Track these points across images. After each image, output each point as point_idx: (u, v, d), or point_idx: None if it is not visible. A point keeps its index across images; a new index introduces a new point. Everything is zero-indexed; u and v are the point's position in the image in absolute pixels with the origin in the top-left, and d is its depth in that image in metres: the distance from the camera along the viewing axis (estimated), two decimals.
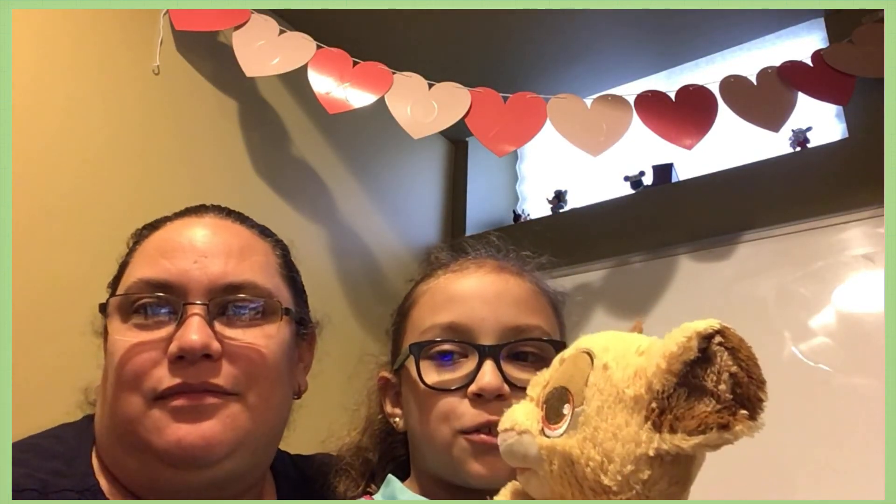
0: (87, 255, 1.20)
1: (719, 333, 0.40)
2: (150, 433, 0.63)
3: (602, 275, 1.78)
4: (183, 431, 0.63)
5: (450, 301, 0.67)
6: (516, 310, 0.66)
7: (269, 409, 0.69)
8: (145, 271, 0.68)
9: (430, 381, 0.64)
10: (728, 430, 0.38)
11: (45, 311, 1.13)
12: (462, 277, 0.69)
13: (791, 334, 1.45)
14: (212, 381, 0.64)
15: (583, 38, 1.83)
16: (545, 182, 2.22)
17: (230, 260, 0.69)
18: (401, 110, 1.49)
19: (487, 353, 0.63)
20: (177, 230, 0.72)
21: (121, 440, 0.66)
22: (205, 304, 0.66)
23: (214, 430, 0.64)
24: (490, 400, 0.62)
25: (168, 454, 0.63)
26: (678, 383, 0.40)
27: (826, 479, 1.30)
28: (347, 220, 1.78)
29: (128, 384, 0.65)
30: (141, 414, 0.64)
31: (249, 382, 0.67)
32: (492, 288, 0.67)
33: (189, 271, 0.67)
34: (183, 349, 0.63)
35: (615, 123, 1.51)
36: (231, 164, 1.53)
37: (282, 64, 1.48)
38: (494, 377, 0.62)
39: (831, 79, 1.51)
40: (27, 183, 1.14)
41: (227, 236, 0.72)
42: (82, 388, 0.80)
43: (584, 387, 0.44)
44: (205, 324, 0.65)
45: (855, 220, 1.46)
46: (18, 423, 0.63)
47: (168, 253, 0.69)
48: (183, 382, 0.64)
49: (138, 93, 1.37)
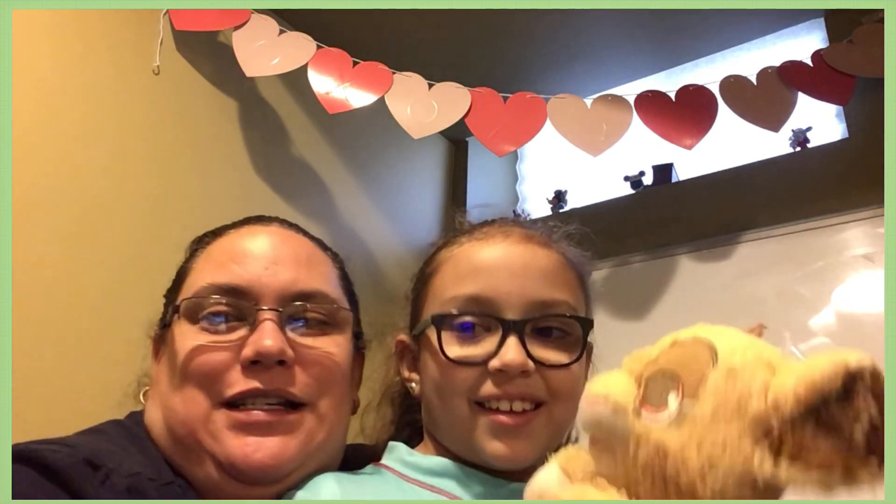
0: (85, 253, 1.20)
1: (868, 372, 0.36)
2: (211, 439, 0.62)
3: (602, 275, 1.78)
4: (251, 447, 0.61)
5: (474, 271, 0.65)
6: (543, 283, 0.64)
7: (338, 418, 0.69)
8: (215, 276, 0.67)
9: (451, 354, 0.62)
10: (851, 474, 0.35)
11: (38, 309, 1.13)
12: (488, 246, 0.67)
13: (791, 334, 1.45)
14: (286, 388, 0.64)
15: (583, 38, 1.83)
16: (545, 182, 2.22)
17: (300, 268, 0.69)
18: (401, 110, 1.49)
19: (511, 328, 0.61)
20: (244, 237, 0.72)
21: (183, 445, 0.64)
22: (277, 310, 0.65)
23: (287, 445, 0.62)
24: (513, 376, 0.60)
25: (233, 467, 0.61)
26: (808, 412, 0.37)
27: None
28: (347, 220, 1.78)
29: (195, 384, 0.64)
30: (205, 417, 0.63)
31: (321, 391, 0.66)
32: (518, 259, 0.65)
33: (261, 277, 0.67)
34: (260, 353, 0.62)
35: (615, 123, 1.51)
36: (231, 164, 1.53)
37: (282, 64, 1.48)
38: (518, 353, 0.60)
39: (831, 79, 1.51)
40: (27, 183, 1.14)
41: (295, 245, 0.72)
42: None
43: (699, 382, 0.41)
44: (278, 329, 0.64)
45: (855, 220, 1.46)
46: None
47: (238, 258, 0.68)
48: (255, 388, 0.63)
49: (138, 93, 1.37)
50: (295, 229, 0.76)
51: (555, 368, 0.62)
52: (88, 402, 0.82)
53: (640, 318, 1.66)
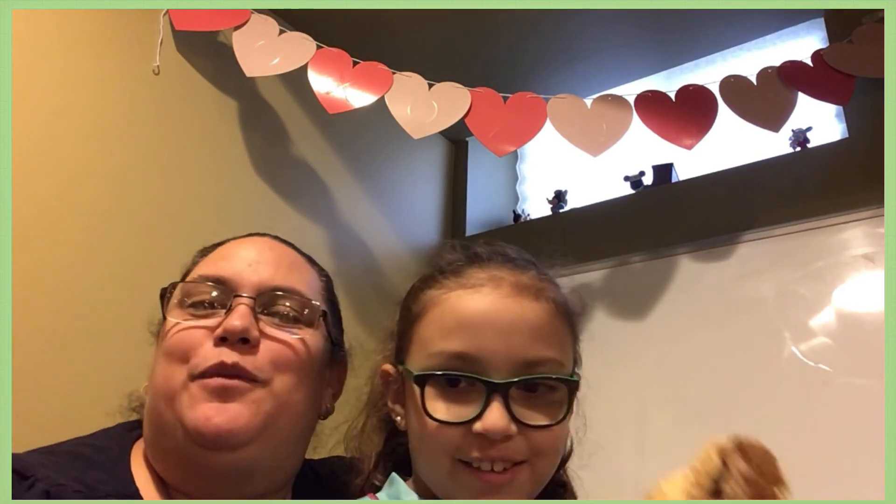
0: (84, 252, 1.20)
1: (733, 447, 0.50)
2: (184, 408, 0.69)
3: (602, 275, 1.78)
4: (212, 410, 0.68)
5: (460, 326, 0.64)
6: (530, 340, 0.63)
7: (291, 399, 0.74)
8: (205, 270, 0.78)
9: (436, 413, 0.62)
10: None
11: (40, 310, 1.13)
12: (476, 297, 0.65)
13: (791, 334, 1.45)
14: (242, 363, 0.71)
15: (583, 38, 1.83)
16: (545, 182, 2.22)
17: (280, 269, 0.79)
18: (401, 110, 1.49)
19: (495, 389, 0.61)
20: (237, 244, 0.82)
21: (161, 418, 0.71)
22: (252, 297, 0.74)
23: (240, 413, 0.69)
24: (495, 441, 0.61)
25: (196, 432, 0.68)
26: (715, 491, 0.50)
27: (826, 479, 1.30)
28: (347, 220, 1.78)
29: (175, 360, 0.72)
30: (181, 388, 0.70)
31: (276, 371, 0.73)
32: (506, 316, 0.64)
33: (242, 271, 0.76)
34: (226, 330, 0.71)
35: (615, 123, 1.51)
36: (231, 164, 1.53)
37: (282, 64, 1.48)
38: (501, 418, 0.60)
39: (831, 79, 1.51)
40: (26, 183, 1.15)
41: (280, 252, 0.82)
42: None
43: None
44: (249, 313, 0.72)
45: (855, 220, 1.46)
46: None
47: (227, 258, 0.79)
48: (219, 362, 0.70)
49: (138, 93, 1.37)
50: (286, 244, 0.85)
51: (539, 429, 0.62)
52: (98, 405, 0.84)
53: (640, 318, 1.66)
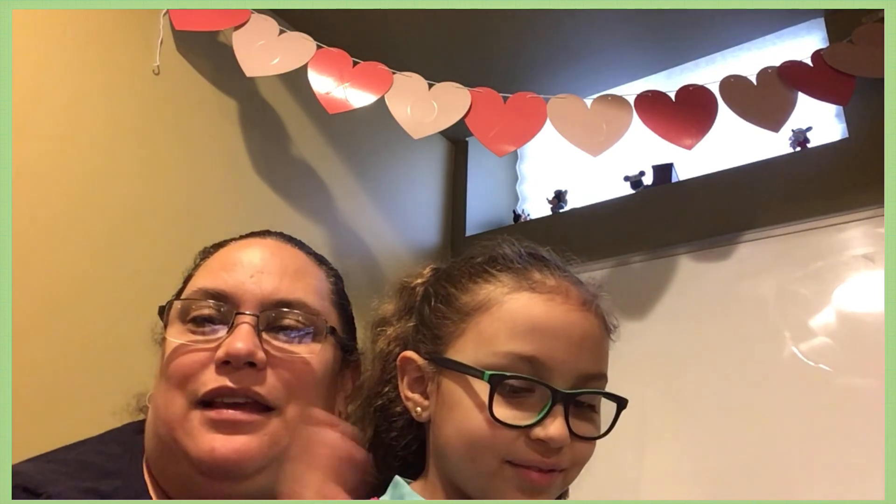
0: (84, 253, 1.20)
1: None
2: (187, 437, 0.65)
3: (602, 275, 1.78)
4: (218, 442, 0.65)
5: (532, 330, 0.63)
6: (593, 356, 0.65)
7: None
8: (205, 282, 0.73)
9: (499, 415, 0.61)
10: None
11: (48, 312, 1.13)
12: (551, 305, 0.65)
13: (791, 334, 1.45)
14: (254, 388, 0.67)
15: (583, 38, 1.83)
16: (545, 182, 2.22)
17: (284, 278, 0.73)
18: (401, 110, 1.49)
19: (560, 399, 0.61)
20: (239, 248, 0.77)
21: (163, 444, 0.68)
22: (255, 314, 0.69)
23: (250, 444, 0.65)
24: (553, 449, 0.61)
25: (201, 463, 0.65)
26: None
27: (826, 479, 1.30)
28: (347, 220, 1.78)
29: (174, 385, 0.68)
30: (182, 416, 0.66)
31: (290, 395, 0.69)
32: (578, 329, 0.64)
33: (244, 284, 0.71)
34: (229, 354, 0.66)
35: (615, 123, 1.51)
36: (231, 164, 1.53)
37: (282, 64, 1.48)
38: (562, 429, 0.60)
39: (831, 79, 1.51)
40: (26, 183, 1.15)
41: (285, 257, 0.76)
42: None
43: None
44: (253, 333, 0.68)
45: (855, 220, 1.46)
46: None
47: (228, 267, 0.73)
48: (224, 386, 0.66)
49: (138, 93, 1.37)
50: (292, 243, 0.80)
51: (584, 441, 0.63)
52: (104, 405, 0.84)
53: (641, 318, 1.66)
